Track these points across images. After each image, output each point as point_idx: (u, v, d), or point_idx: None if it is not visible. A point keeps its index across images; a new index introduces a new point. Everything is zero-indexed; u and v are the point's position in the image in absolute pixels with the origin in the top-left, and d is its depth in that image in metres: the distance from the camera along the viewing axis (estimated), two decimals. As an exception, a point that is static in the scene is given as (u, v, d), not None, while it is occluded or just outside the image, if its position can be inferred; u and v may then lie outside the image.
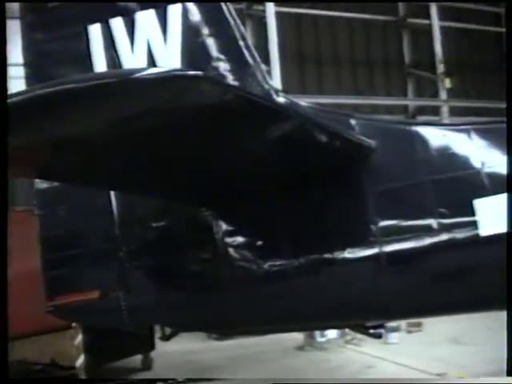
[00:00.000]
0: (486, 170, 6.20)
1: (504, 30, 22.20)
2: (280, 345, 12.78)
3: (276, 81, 15.79)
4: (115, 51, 6.57)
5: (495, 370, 9.93)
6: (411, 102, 20.63)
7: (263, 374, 11.50)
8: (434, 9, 19.74)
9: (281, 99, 6.55)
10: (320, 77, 19.66)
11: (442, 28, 19.88)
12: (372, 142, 6.13)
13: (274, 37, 17.12)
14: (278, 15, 17.49)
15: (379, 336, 11.88)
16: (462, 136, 6.53)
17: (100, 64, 6.58)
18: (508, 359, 6.65)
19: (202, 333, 12.51)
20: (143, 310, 6.63)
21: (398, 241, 6.04)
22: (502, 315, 7.81)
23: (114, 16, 6.57)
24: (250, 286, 6.27)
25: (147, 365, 13.03)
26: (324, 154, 5.79)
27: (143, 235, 6.60)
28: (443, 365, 10.61)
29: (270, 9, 17.36)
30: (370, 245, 6.03)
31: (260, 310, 6.35)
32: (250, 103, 4.64)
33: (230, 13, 6.63)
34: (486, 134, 6.57)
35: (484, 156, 6.29)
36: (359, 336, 12.35)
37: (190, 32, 6.49)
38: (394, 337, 12.94)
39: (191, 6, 6.53)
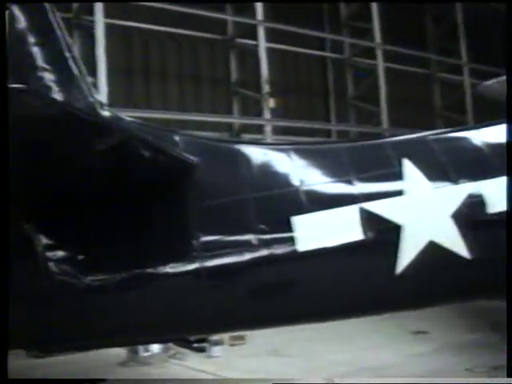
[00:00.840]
0: (304, 188, 6.47)
1: (327, 54, 23.26)
2: (102, 361, 12.52)
3: (102, 94, 15.58)
4: None
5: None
6: (236, 120, 20.95)
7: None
8: (261, 30, 20.22)
9: (105, 113, 6.51)
10: (148, 91, 19.58)
11: (268, 49, 20.39)
12: (195, 159, 6.18)
13: (101, 49, 16.88)
14: (107, 27, 17.28)
15: (202, 350, 12.04)
16: (283, 155, 6.80)
17: None
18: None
19: (21, 350, 12.08)
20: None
21: (219, 256, 6.17)
22: (323, 327, 8.17)
23: None
24: (72, 300, 6.15)
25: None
26: (147, 169, 5.81)
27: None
28: (262, 376, 10.85)
29: (99, 20, 17.12)
30: (192, 260, 6.10)
31: (83, 325, 6.22)
32: (73, 117, 4.62)
33: (58, 22, 6.52)
34: (305, 154, 6.88)
35: (302, 175, 6.57)
36: (183, 350, 12.40)
37: (16, 40, 6.31)
38: (217, 350, 13.02)
39: (18, 13, 6.36)
